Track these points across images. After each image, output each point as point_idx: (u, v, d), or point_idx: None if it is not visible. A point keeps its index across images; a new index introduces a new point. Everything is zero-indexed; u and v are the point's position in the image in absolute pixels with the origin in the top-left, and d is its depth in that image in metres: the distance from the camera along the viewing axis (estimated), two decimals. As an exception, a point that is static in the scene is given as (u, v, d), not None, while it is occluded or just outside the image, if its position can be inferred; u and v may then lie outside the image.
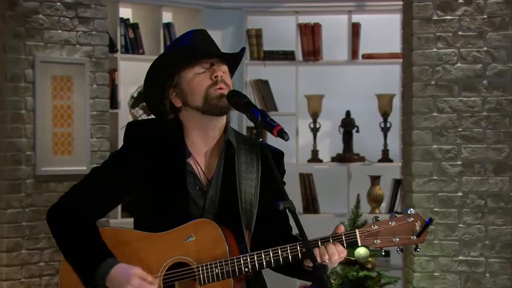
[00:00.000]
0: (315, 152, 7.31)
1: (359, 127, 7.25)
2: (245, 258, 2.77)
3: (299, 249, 2.77)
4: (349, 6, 7.23)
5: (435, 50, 5.80)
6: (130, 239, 2.87)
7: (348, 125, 7.26)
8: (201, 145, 2.93)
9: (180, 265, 2.82)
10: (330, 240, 2.78)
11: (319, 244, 2.77)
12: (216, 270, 2.77)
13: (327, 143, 7.49)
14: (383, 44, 7.20)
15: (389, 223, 2.80)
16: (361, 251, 5.64)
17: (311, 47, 7.24)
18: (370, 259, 5.82)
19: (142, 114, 6.86)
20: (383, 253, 2.86)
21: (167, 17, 7.09)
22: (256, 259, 2.77)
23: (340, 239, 2.78)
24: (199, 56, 2.88)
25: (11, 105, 5.75)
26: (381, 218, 2.83)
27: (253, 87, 7.25)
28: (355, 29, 7.24)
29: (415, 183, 5.79)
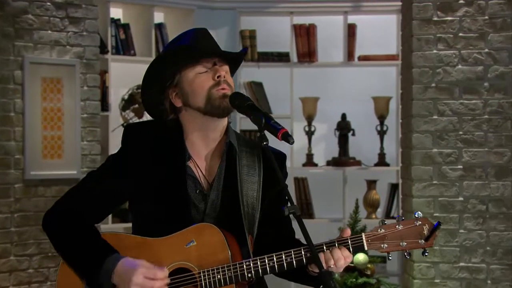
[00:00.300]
0: (310, 156, 7.25)
1: (355, 130, 7.20)
2: (248, 263, 2.73)
3: (303, 253, 2.73)
4: (345, 6, 7.20)
5: (435, 51, 5.77)
6: (129, 244, 2.83)
7: (343, 128, 7.21)
8: (201, 147, 2.89)
9: (181, 270, 2.78)
10: (335, 244, 2.73)
11: (324, 248, 2.73)
12: (218, 276, 2.73)
13: (322, 146, 7.46)
14: (379, 45, 7.19)
15: (396, 226, 2.75)
16: (360, 257, 5.69)
17: (306, 48, 7.21)
18: (369, 265, 5.80)
19: (133, 116, 6.82)
20: (390, 257, 2.78)
21: (158, 17, 7.05)
22: (259, 264, 2.73)
23: (346, 243, 2.74)
24: (202, 55, 2.84)
25: (-1, 107, 5.71)
26: (387, 222, 2.78)
27: (247, 89, 7.19)
28: (351, 30, 7.21)
29: (415, 187, 5.76)
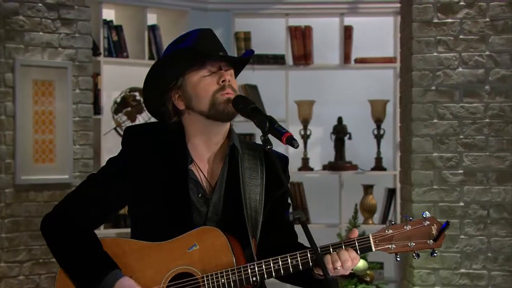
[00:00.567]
0: (305, 160, 7.22)
1: (351, 134, 7.17)
2: (253, 266, 2.72)
3: (309, 256, 2.71)
4: (341, 8, 7.18)
5: (435, 54, 5.75)
6: (130, 249, 2.81)
7: (340, 132, 7.19)
8: (203, 150, 2.87)
9: (184, 275, 2.77)
10: (342, 246, 2.71)
11: (330, 250, 2.71)
12: (222, 280, 2.72)
13: (318, 150, 7.43)
14: (376, 48, 7.18)
15: (404, 227, 2.73)
16: (359, 263, 5.56)
17: (301, 51, 7.20)
18: (368, 271, 5.85)
19: (126, 120, 6.82)
20: (398, 258, 2.75)
21: (152, 19, 7.04)
22: (264, 267, 2.71)
23: (353, 244, 2.72)
24: (209, 58, 2.81)
25: (-10, 110, 5.68)
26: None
27: (241, 92, 7.07)
28: (348, 32, 7.19)
29: (414, 192, 5.74)
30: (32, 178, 5.77)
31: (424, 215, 2.75)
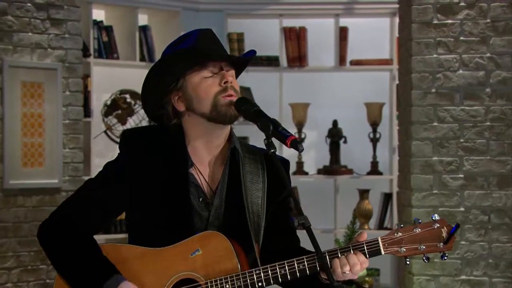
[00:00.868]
0: (300, 164, 7.22)
1: (346, 137, 7.17)
2: (258, 271, 2.69)
3: (317, 260, 2.69)
4: (337, 9, 7.20)
5: (435, 56, 5.71)
6: (131, 255, 2.78)
7: (335, 135, 7.18)
8: (204, 153, 2.84)
9: (187, 281, 2.74)
10: (350, 249, 2.69)
11: (338, 254, 2.68)
12: (227, 286, 2.69)
13: (313, 154, 7.43)
14: (372, 49, 7.22)
15: (414, 229, 2.70)
16: None
17: (296, 52, 7.20)
18: (367, 278, 5.91)
19: (116, 123, 6.81)
20: (407, 262, 2.73)
21: (143, 19, 7.03)
22: (270, 272, 2.69)
23: (361, 248, 2.69)
24: (210, 59, 2.79)
25: (-23, 113, 5.66)
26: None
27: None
28: (343, 34, 7.20)
29: (414, 197, 5.70)
30: (21, 182, 5.73)
31: (433, 218, 2.72)
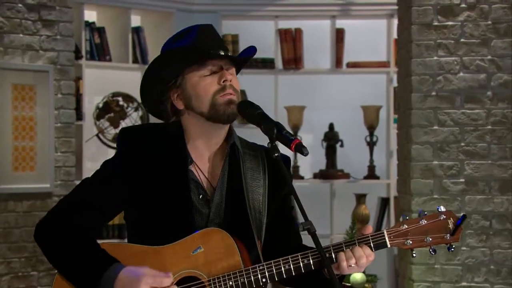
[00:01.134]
0: (295, 168, 7.17)
1: (343, 141, 7.15)
2: (262, 267, 2.69)
3: (323, 254, 2.66)
4: (333, 10, 7.17)
5: (435, 58, 5.66)
6: (131, 254, 2.76)
7: (331, 139, 7.16)
8: (203, 150, 2.84)
9: (189, 279, 2.73)
10: (356, 242, 2.70)
11: (343, 247, 2.69)
12: (230, 283, 2.68)
13: (309, 158, 7.32)
14: (369, 52, 7.21)
15: (420, 221, 2.70)
16: (357, 276, 5.71)
17: (291, 54, 7.19)
18: (367, 285, 5.77)
19: (109, 126, 6.74)
20: (414, 254, 2.72)
21: (135, 20, 7.01)
22: (274, 268, 2.69)
23: (367, 241, 2.70)
24: (209, 58, 2.77)
25: (-33, 116, 5.62)
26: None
27: (234, 94, 6.97)
28: (339, 36, 7.17)
29: (414, 202, 5.65)
30: (11, 187, 5.70)
31: (439, 209, 2.72)
